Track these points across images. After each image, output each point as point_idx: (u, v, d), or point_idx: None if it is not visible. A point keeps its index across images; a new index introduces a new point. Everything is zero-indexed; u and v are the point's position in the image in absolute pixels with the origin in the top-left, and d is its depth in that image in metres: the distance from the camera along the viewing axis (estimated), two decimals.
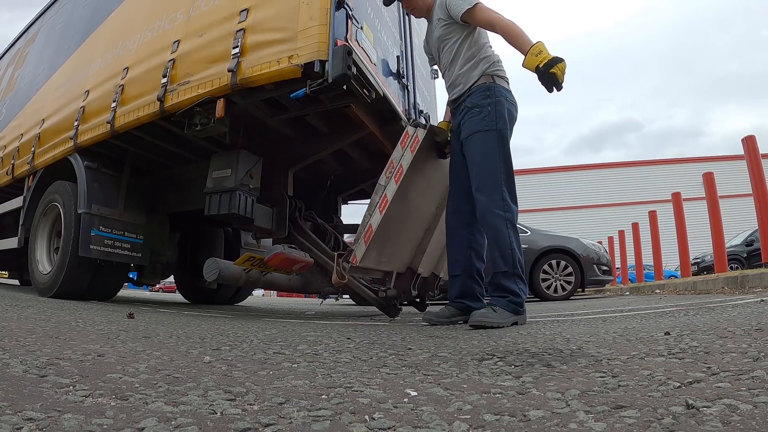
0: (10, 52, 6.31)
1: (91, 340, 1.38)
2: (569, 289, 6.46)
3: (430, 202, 2.96)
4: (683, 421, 0.62)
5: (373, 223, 2.38)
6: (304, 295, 12.39)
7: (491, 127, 2.25)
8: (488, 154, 2.25)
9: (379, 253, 2.61)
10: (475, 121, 2.28)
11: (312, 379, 0.96)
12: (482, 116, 2.27)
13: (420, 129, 2.51)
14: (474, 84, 2.33)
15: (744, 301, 2.79)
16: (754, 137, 4.88)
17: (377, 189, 2.45)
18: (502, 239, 2.18)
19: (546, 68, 2.01)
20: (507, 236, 2.18)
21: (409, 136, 2.50)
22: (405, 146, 2.48)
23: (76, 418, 0.63)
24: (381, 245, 2.55)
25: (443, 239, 2.65)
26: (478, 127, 2.27)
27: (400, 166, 2.45)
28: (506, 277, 2.17)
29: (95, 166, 3.56)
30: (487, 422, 0.66)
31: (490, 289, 2.23)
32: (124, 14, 3.89)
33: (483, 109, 2.27)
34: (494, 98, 2.28)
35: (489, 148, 2.25)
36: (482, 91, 2.30)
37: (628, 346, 1.29)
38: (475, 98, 2.30)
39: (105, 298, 3.95)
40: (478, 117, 2.28)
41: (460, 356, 1.26)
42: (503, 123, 2.27)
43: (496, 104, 2.27)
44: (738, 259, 12.25)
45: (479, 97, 2.29)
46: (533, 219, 15.16)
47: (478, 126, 2.27)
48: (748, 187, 4.88)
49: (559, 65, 2.02)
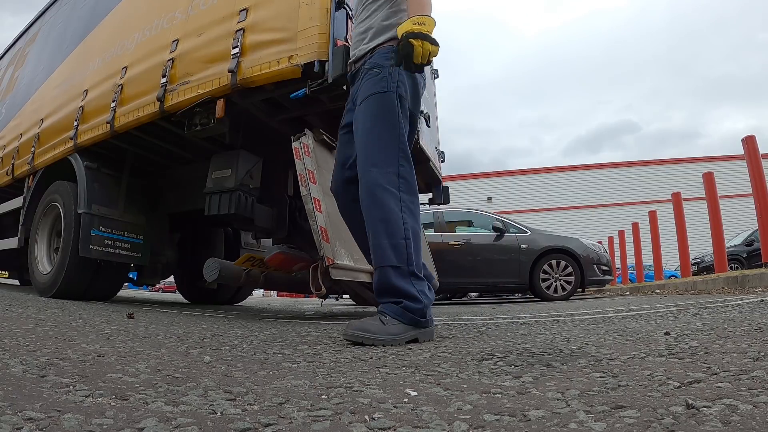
0: (10, 52, 6.32)
1: (91, 340, 1.38)
2: (569, 289, 6.47)
3: None
4: (683, 421, 0.62)
5: (321, 224, 2.44)
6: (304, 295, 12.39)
7: (390, 89, 1.84)
8: (383, 117, 1.82)
9: (349, 251, 2.64)
10: (372, 83, 1.87)
11: (312, 379, 0.96)
12: (381, 77, 1.87)
13: (303, 137, 2.59)
14: (380, 45, 1.93)
15: (744, 301, 2.79)
16: (754, 137, 4.88)
17: (305, 200, 2.51)
18: (394, 224, 1.69)
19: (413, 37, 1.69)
20: (401, 221, 1.69)
21: (298, 149, 2.57)
22: (300, 157, 2.56)
23: (76, 418, 0.63)
24: (343, 241, 2.59)
25: None
26: (375, 88, 1.86)
27: (309, 172, 2.53)
28: (399, 275, 1.65)
29: (95, 166, 3.56)
30: (487, 422, 0.66)
31: (377, 292, 1.71)
32: (122, 13, 3.89)
33: (383, 69, 1.88)
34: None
35: (386, 110, 1.82)
36: (386, 52, 1.90)
37: (628, 346, 1.29)
38: (377, 58, 1.91)
39: (105, 298, 3.95)
40: (376, 78, 1.87)
41: (460, 356, 1.26)
42: (405, 89, 1.87)
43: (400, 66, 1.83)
44: (738, 259, 12.25)
45: (382, 58, 1.90)
46: (533, 219, 15.16)
47: (375, 88, 1.86)
48: (748, 187, 4.88)
49: (426, 44, 1.69)
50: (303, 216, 3.55)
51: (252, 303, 7.13)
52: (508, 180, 27.60)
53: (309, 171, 2.53)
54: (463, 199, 18.95)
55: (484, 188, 26.88)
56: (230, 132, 2.95)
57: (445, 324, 2.47)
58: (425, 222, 6.36)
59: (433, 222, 7.01)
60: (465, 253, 6.68)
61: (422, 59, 1.67)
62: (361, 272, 2.81)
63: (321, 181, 2.58)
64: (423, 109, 4.02)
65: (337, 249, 2.47)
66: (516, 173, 28.46)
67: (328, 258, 2.40)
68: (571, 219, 24.44)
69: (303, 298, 13.45)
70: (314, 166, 2.56)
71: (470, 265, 6.66)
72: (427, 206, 5.45)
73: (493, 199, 26.03)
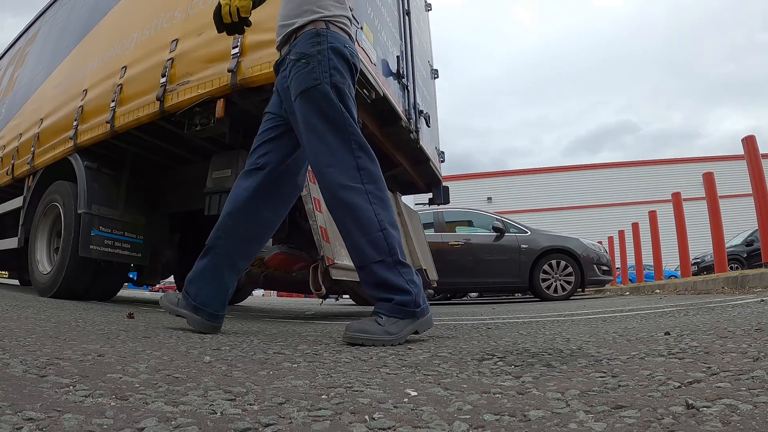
0: (10, 51, 6.32)
1: (91, 340, 1.38)
2: (569, 289, 6.47)
3: None
4: (683, 421, 0.62)
5: (321, 224, 2.43)
6: (304, 295, 12.39)
7: (323, 80, 1.72)
8: (322, 114, 1.71)
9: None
10: (302, 77, 1.75)
11: (312, 379, 0.96)
12: (310, 68, 1.74)
13: None
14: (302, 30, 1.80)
15: (744, 301, 2.79)
16: (754, 137, 4.88)
17: (305, 200, 2.49)
18: (366, 219, 1.62)
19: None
20: (372, 214, 1.62)
21: None
22: None
23: (76, 418, 0.63)
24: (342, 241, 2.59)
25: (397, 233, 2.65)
26: (306, 83, 1.74)
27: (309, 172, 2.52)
28: (385, 268, 1.59)
29: (95, 166, 3.56)
30: (487, 422, 0.66)
31: (368, 292, 1.68)
32: (121, 13, 3.89)
33: (311, 59, 1.75)
34: (325, 45, 1.75)
35: (323, 105, 1.71)
36: (310, 37, 1.77)
37: (628, 346, 1.29)
38: (302, 46, 1.77)
39: (105, 298, 3.95)
40: (305, 70, 1.75)
41: (460, 356, 1.26)
42: (339, 75, 1.74)
43: (328, 51, 1.74)
44: (738, 259, 12.26)
45: (307, 45, 1.77)
46: (533, 219, 15.17)
47: (306, 82, 1.74)
48: (748, 187, 4.88)
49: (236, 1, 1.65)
50: (303, 216, 3.54)
51: (252, 303, 7.13)
52: (508, 180, 27.61)
53: (309, 171, 2.53)
54: (463, 199, 18.95)
55: (484, 188, 26.89)
56: (230, 132, 2.95)
57: (445, 324, 2.47)
58: (425, 222, 6.35)
59: (433, 222, 7.01)
60: (465, 253, 6.68)
61: (232, 17, 1.64)
62: None
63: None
64: (423, 109, 4.03)
65: (337, 249, 2.47)
66: (516, 173, 28.47)
67: (328, 258, 2.40)
68: (571, 219, 24.44)
69: (303, 298, 13.45)
70: None
71: (470, 265, 6.66)
72: (427, 206, 5.46)
73: (493, 199, 26.04)
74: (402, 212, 3.98)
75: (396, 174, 4.22)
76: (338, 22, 1.82)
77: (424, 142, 3.97)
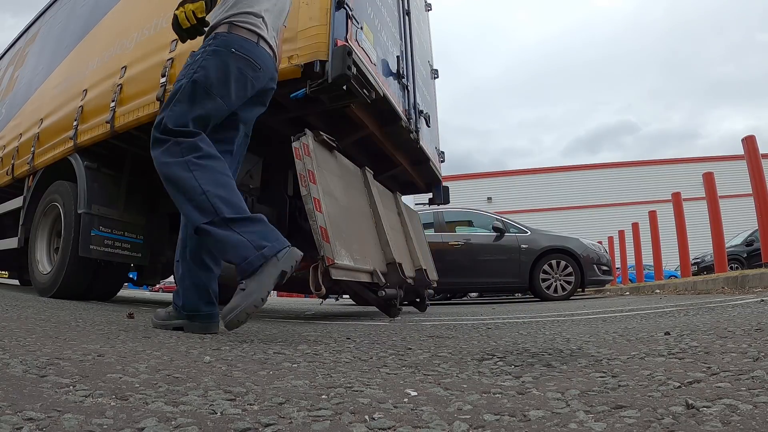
0: (10, 52, 6.32)
1: (91, 340, 1.38)
2: (569, 289, 6.47)
3: (359, 196, 3.13)
4: (683, 421, 0.62)
5: (321, 224, 2.45)
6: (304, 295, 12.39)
7: (186, 76, 1.73)
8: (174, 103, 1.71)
9: (349, 250, 2.65)
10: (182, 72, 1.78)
11: (312, 379, 0.96)
12: (187, 64, 1.77)
13: (303, 137, 2.61)
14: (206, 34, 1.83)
15: (744, 301, 2.79)
16: (754, 137, 4.88)
17: (305, 200, 2.52)
18: (187, 186, 1.62)
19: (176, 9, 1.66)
20: (193, 180, 1.61)
21: (298, 149, 2.59)
22: (300, 157, 2.57)
23: (76, 418, 0.63)
24: (343, 241, 2.61)
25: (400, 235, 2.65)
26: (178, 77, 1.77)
27: (309, 171, 2.55)
28: (216, 228, 1.58)
29: (95, 166, 3.55)
30: (487, 422, 0.66)
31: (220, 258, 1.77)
32: (121, 13, 3.88)
33: (192, 56, 1.78)
34: (213, 46, 1.75)
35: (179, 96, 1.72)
36: (208, 39, 1.79)
37: (628, 346, 1.29)
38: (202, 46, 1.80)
39: (105, 298, 3.95)
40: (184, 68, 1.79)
41: (460, 356, 1.26)
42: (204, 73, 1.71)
43: (212, 53, 1.73)
44: (738, 259, 12.25)
45: (202, 45, 1.79)
46: (533, 219, 15.17)
47: (178, 76, 1.77)
48: (748, 187, 4.88)
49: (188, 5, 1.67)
50: (303, 216, 3.55)
51: None
52: (508, 180, 27.60)
53: (309, 171, 2.54)
54: (463, 199, 18.95)
55: (484, 188, 26.89)
56: None
57: (445, 324, 2.47)
58: (425, 222, 6.34)
59: (433, 222, 7.02)
60: (465, 253, 6.68)
61: (189, 20, 1.68)
62: (361, 272, 2.81)
63: (321, 181, 2.59)
64: (423, 109, 4.03)
65: (337, 249, 2.47)
66: (516, 173, 28.46)
67: (328, 258, 2.40)
68: (571, 219, 24.44)
69: (303, 298, 13.44)
70: (314, 166, 2.57)
71: (470, 265, 6.66)
72: (427, 206, 5.46)
73: (493, 199, 26.04)
74: (402, 212, 3.98)
75: (396, 174, 4.23)
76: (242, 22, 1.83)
77: (424, 142, 3.97)
